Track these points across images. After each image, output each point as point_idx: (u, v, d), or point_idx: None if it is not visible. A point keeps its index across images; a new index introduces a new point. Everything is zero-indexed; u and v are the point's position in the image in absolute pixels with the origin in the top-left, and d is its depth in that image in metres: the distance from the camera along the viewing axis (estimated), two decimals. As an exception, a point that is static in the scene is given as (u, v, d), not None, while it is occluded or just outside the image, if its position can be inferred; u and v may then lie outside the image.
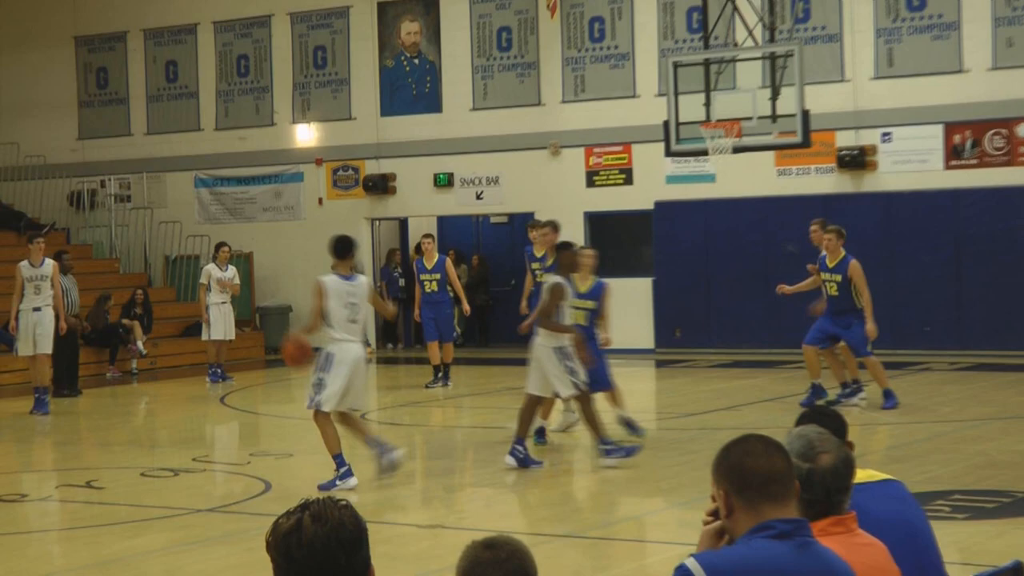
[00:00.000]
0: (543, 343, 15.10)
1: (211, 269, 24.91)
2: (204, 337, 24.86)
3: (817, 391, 18.69)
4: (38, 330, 20.93)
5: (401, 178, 29.72)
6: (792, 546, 4.49)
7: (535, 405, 15.38)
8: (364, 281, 14.52)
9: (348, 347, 14.06)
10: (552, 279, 15.19)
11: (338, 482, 14.04)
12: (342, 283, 14.26)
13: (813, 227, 19.27)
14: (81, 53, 32.93)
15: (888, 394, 18.50)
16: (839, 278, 18.47)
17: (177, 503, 13.93)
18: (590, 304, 16.42)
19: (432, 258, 22.74)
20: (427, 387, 22.82)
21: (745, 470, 4.57)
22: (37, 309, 20.93)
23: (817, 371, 18.77)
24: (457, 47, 29.10)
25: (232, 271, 25.22)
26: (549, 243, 17.89)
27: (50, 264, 21.17)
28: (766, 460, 4.58)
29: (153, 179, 32.03)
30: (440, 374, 22.99)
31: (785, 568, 4.46)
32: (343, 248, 14.58)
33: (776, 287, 19.82)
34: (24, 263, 20.93)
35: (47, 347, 21.08)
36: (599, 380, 16.03)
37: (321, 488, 13.88)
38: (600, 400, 16.07)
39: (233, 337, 25.30)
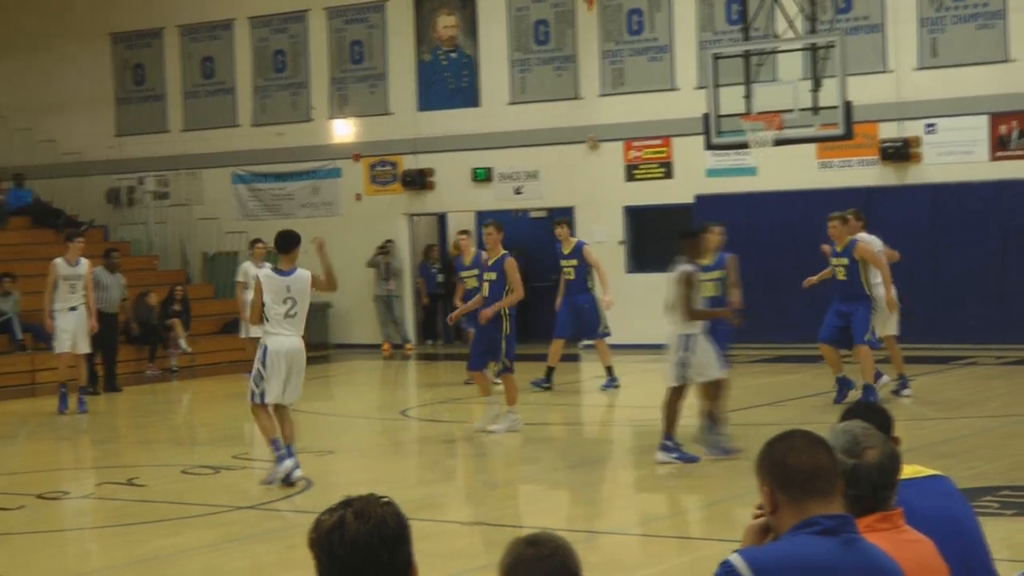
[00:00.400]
0: (674, 329, 15.06)
1: (248, 266, 24.73)
2: (243, 335, 24.69)
3: (844, 384, 18.44)
4: (78, 329, 20.92)
5: (439, 173, 29.65)
6: (837, 542, 4.44)
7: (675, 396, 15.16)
8: (303, 275, 14.57)
9: (282, 340, 14.18)
10: (680, 267, 15.14)
11: (273, 475, 14.19)
12: (278, 278, 14.43)
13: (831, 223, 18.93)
14: (118, 50, 32.96)
15: (868, 389, 18.10)
16: (846, 261, 18.33)
17: (217, 501, 13.89)
18: (716, 274, 16.44)
19: (469, 255, 22.28)
20: (465, 383, 22.68)
21: (789, 466, 4.52)
22: (73, 308, 20.89)
23: (838, 366, 18.54)
24: (494, 41, 29.00)
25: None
26: (492, 243, 17.55)
27: (85, 263, 21.12)
28: (810, 456, 4.54)
29: (190, 176, 32.04)
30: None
31: (830, 564, 4.41)
32: (284, 242, 14.71)
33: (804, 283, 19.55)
34: (60, 261, 20.87)
35: (86, 347, 21.08)
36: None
37: (263, 483, 14.13)
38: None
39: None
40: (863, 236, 18.78)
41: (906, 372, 18.94)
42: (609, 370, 21.56)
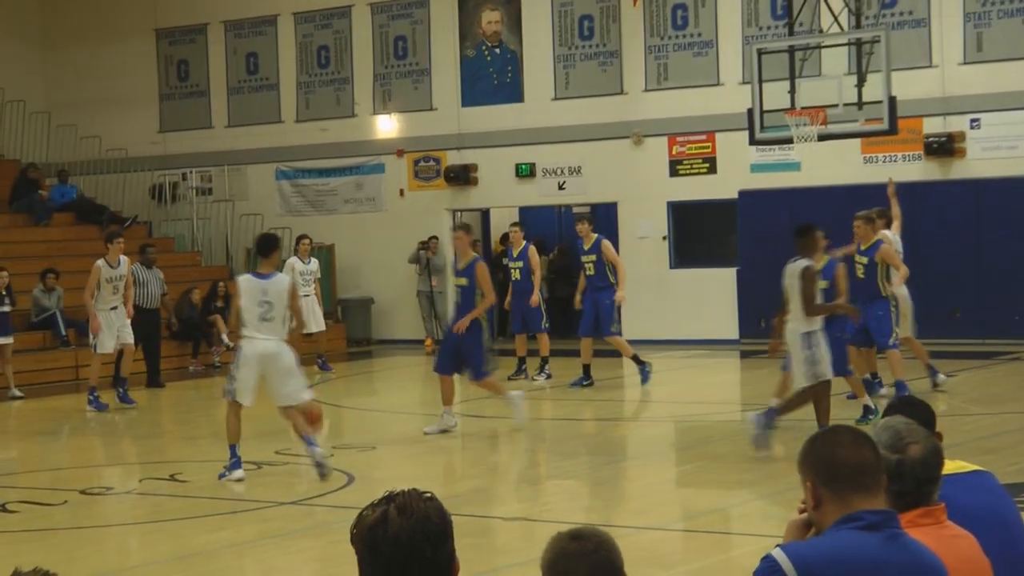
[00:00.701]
0: (794, 328, 15.05)
1: (294, 262, 24.77)
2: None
3: (871, 386, 18.39)
4: (120, 327, 21.02)
5: (483, 169, 29.64)
6: (881, 538, 4.42)
7: (817, 393, 15.09)
8: (282, 280, 14.64)
9: (256, 343, 14.31)
10: (801, 263, 15.08)
11: (225, 472, 14.40)
12: (256, 281, 14.45)
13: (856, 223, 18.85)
14: (162, 46, 33.08)
15: (901, 385, 18.04)
16: (866, 260, 18.28)
17: (260, 496, 13.92)
18: (823, 284, 16.35)
19: (518, 246, 22.59)
20: (509, 379, 22.66)
21: (834, 461, 4.50)
22: (114, 308, 20.98)
23: (864, 367, 18.44)
24: (538, 36, 28.97)
25: (314, 264, 25.22)
26: (462, 248, 17.08)
27: (125, 262, 21.19)
28: (855, 451, 4.52)
29: (234, 171, 32.11)
30: (523, 366, 22.92)
31: (875, 559, 4.39)
32: (263, 246, 14.82)
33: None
34: (102, 262, 20.90)
35: (129, 338, 21.18)
36: (837, 363, 15.82)
37: (220, 477, 14.36)
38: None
39: (323, 327, 25.30)
40: (886, 234, 18.80)
41: (933, 363, 18.96)
42: (636, 358, 21.48)
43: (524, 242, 22.75)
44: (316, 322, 24.84)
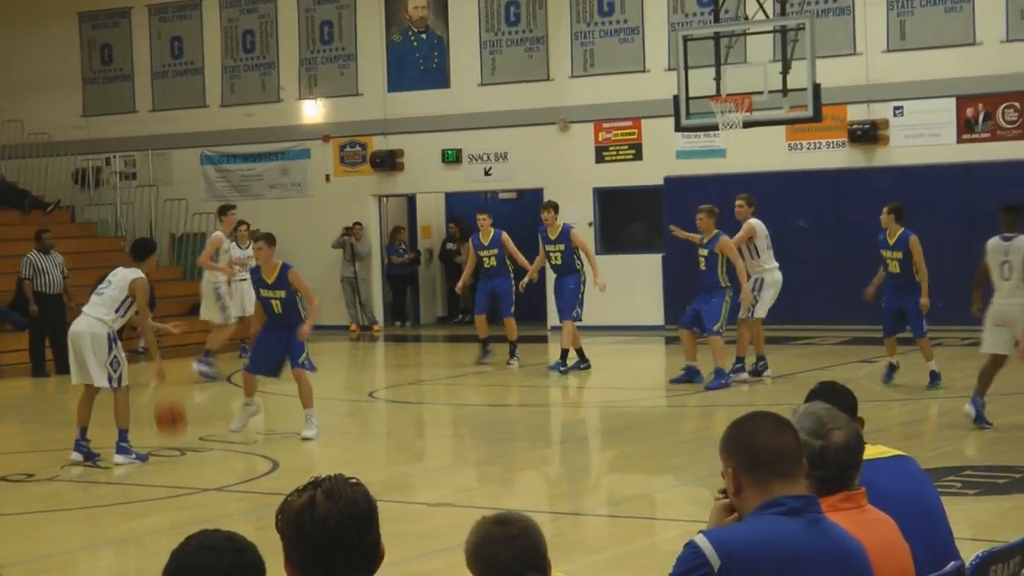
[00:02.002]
0: (1015, 302, 14.97)
1: (231, 249, 24.49)
2: (220, 320, 24.06)
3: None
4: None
5: (409, 154, 29.59)
6: (802, 523, 4.46)
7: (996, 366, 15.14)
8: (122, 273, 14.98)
9: (76, 320, 15.06)
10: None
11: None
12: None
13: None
14: (85, 29, 32.78)
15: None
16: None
17: (184, 483, 13.85)
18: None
19: (488, 234, 22.38)
20: (479, 363, 22.53)
21: (755, 447, 4.53)
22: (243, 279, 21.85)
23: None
24: (465, 22, 28.93)
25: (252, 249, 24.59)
26: (265, 259, 16.26)
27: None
28: (776, 437, 4.55)
29: (159, 156, 31.89)
30: (487, 347, 22.79)
31: (796, 544, 4.42)
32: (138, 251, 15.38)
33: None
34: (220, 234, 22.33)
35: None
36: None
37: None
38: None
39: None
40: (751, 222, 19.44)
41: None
42: (564, 353, 21.38)
43: (493, 230, 22.48)
44: (251, 306, 24.58)
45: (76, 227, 30.90)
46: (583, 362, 21.53)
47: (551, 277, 23.86)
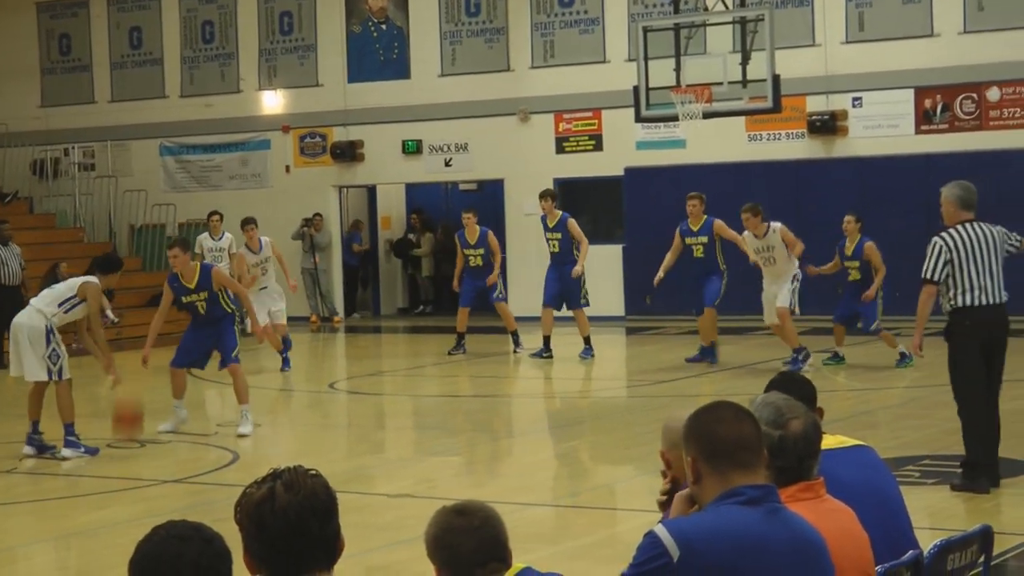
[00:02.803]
0: None
1: (203, 240, 24.57)
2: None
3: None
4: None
5: (369, 145, 29.54)
6: (762, 512, 4.47)
7: None
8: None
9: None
10: None
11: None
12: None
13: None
14: (43, 19, 32.59)
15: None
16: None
17: (143, 474, 13.82)
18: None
19: (474, 232, 22.08)
20: (450, 353, 22.44)
21: (715, 437, 4.53)
22: (264, 288, 21.63)
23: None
24: (425, 12, 28.88)
25: (226, 239, 24.55)
26: (183, 264, 16.02)
27: (268, 243, 21.57)
28: (735, 427, 4.55)
29: (118, 147, 31.74)
30: (462, 341, 22.60)
31: (755, 534, 4.44)
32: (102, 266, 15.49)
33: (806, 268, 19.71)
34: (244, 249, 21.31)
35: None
36: None
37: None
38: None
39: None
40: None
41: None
42: (587, 340, 21.64)
43: (479, 228, 22.13)
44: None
45: (34, 218, 30.74)
46: (590, 349, 21.66)
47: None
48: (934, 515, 10.65)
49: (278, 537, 3.86)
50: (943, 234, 11.51)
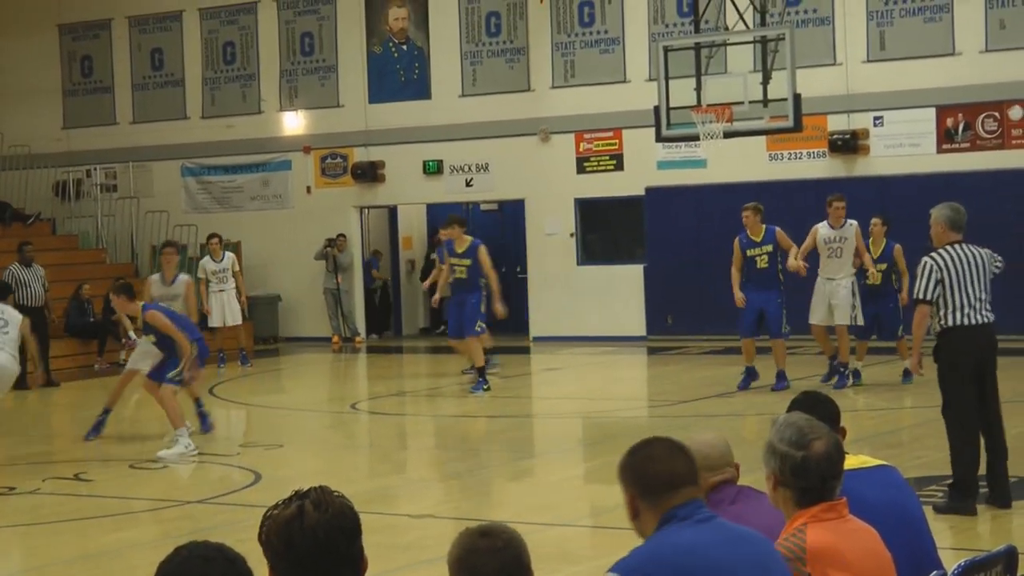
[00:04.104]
0: None
1: (205, 263, 25.12)
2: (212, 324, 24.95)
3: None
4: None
5: (390, 165, 29.57)
6: (692, 523, 4.64)
7: None
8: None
9: None
10: None
11: None
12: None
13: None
14: (65, 41, 32.73)
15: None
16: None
17: (166, 495, 13.84)
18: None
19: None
20: (464, 372, 22.17)
21: (648, 474, 4.74)
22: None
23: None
24: (445, 33, 28.93)
25: (228, 259, 25.27)
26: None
27: (182, 282, 20.40)
28: (668, 464, 4.74)
29: (139, 168, 31.84)
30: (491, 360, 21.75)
31: (695, 544, 4.60)
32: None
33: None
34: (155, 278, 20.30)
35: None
36: None
37: None
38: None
39: (239, 321, 25.37)
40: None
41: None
42: (476, 367, 20.81)
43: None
44: (232, 316, 25.07)
45: (57, 239, 30.85)
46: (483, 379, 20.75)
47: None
48: (958, 535, 10.61)
49: (306, 556, 3.87)
50: (933, 254, 11.56)
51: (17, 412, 20.42)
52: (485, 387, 20.50)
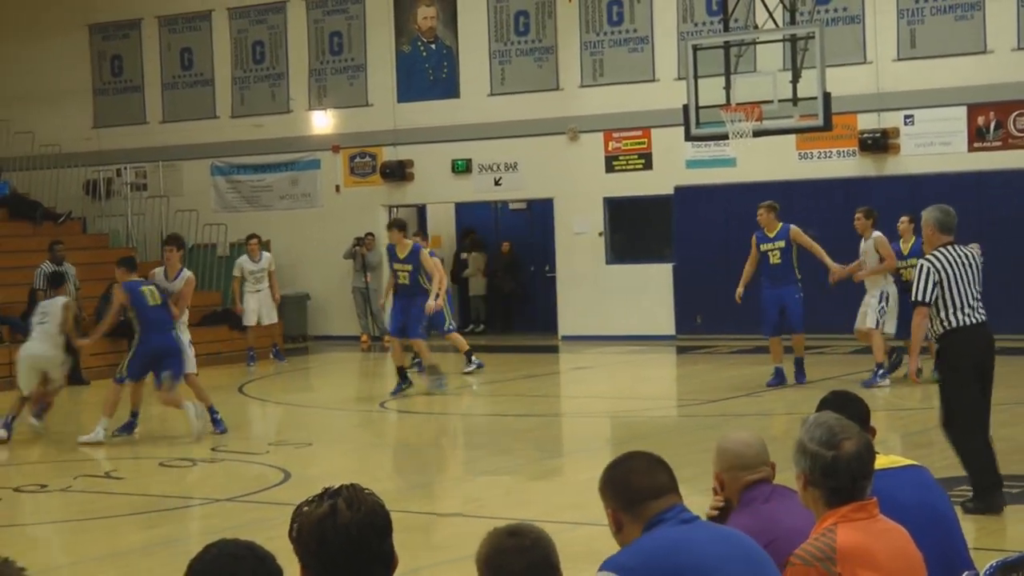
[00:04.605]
0: None
1: (243, 262, 25.40)
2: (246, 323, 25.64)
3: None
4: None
5: (418, 164, 29.60)
6: (677, 524, 4.78)
7: None
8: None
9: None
10: None
11: None
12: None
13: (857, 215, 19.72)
14: (95, 41, 32.83)
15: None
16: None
17: (196, 493, 13.88)
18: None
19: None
20: (392, 393, 21.78)
21: (629, 489, 4.83)
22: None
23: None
24: (474, 31, 28.94)
25: (266, 259, 25.67)
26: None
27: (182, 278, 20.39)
28: (648, 478, 4.84)
29: (169, 167, 31.93)
30: (408, 373, 21.47)
31: (681, 540, 4.74)
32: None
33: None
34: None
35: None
36: None
37: None
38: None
39: (274, 320, 25.77)
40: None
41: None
42: (427, 365, 20.90)
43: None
44: (268, 315, 25.45)
45: (87, 238, 30.95)
46: (404, 382, 20.79)
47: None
48: (989, 535, 10.57)
49: (338, 554, 3.89)
50: (928, 256, 11.60)
51: (55, 410, 20.46)
52: (404, 388, 20.66)
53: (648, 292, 27.38)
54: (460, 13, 29.10)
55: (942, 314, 11.47)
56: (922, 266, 11.55)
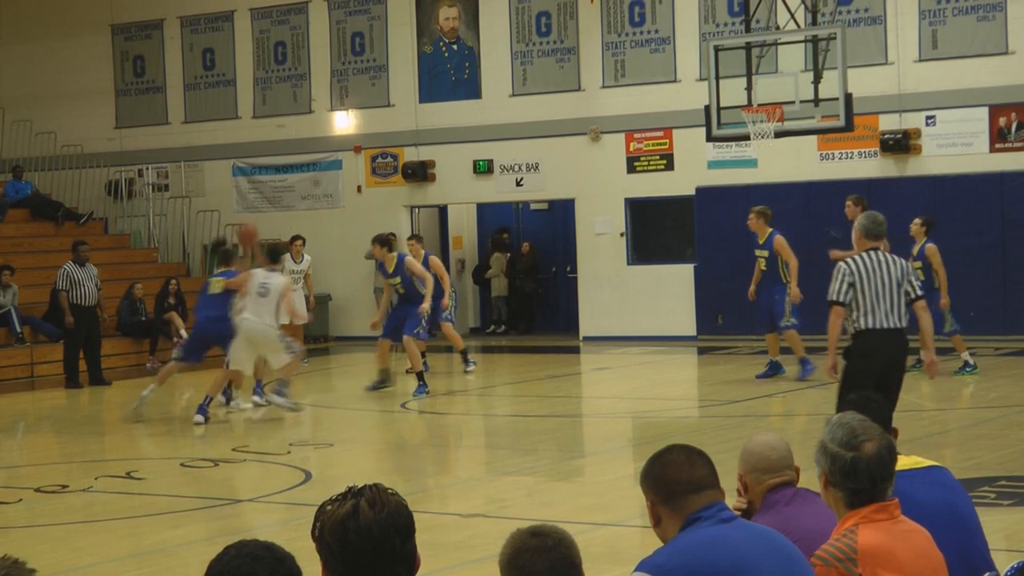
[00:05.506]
0: None
1: (285, 261, 25.31)
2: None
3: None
4: None
5: (440, 165, 29.61)
6: (716, 523, 4.71)
7: None
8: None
9: None
10: None
11: None
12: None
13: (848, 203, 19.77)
14: (118, 41, 32.91)
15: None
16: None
17: (217, 493, 13.89)
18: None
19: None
20: (370, 388, 21.78)
21: (668, 481, 4.79)
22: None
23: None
24: (496, 32, 28.95)
25: (306, 262, 25.83)
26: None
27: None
28: (687, 470, 4.80)
29: (191, 168, 32.00)
30: (385, 375, 21.71)
31: (719, 539, 4.67)
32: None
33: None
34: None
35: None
36: None
37: None
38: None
39: (306, 320, 25.68)
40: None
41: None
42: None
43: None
44: (298, 315, 25.47)
45: (109, 239, 31.03)
46: (385, 381, 21.19)
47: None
48: (1010, 537, 10.55)
49: (360, 554, 3.89)
50: (847, 259, 12.15)
51: (69, 411, 20.56)
52: (426, 390, 20.71)
53: (669, 293, 27.37)
54: (482, 14, 29.12)
55: (854, 315, 12.04)
56: (839, 268, 12.10)
